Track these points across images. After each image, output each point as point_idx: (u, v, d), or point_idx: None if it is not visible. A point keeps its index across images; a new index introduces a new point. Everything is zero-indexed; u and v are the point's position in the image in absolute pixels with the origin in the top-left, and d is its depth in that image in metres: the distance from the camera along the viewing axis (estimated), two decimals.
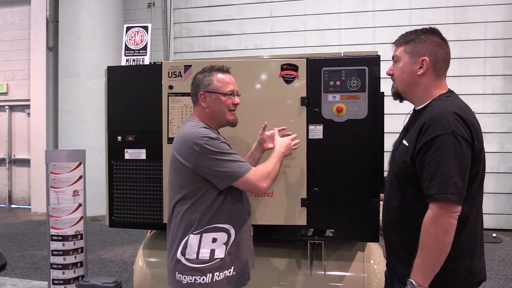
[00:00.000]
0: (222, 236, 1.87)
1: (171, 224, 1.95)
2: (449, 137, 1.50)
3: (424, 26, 1.76)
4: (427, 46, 1.68)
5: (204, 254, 1.84)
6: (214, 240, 1.86)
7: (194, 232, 1.85)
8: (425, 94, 1.70)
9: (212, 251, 1.85)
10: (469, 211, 1.59)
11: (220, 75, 1.97)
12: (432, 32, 1.71)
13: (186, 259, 1.85)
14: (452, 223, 1.50)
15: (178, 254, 1.87)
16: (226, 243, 1.88)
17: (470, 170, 1.55)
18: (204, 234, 1.85)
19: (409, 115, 1.85)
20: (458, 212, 1.51)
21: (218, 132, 2.03)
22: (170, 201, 1.95)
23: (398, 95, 1.80)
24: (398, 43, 1.77)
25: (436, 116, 1.55)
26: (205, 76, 1.97)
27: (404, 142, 1.71)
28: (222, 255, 1.86)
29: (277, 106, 2.36)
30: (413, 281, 1.55)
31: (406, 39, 1.73)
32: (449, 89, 1.73)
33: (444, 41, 1.71)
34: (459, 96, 1.72)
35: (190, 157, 1.82)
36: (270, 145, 2.16)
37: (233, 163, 1.83)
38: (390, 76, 1.82)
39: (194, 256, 1.84)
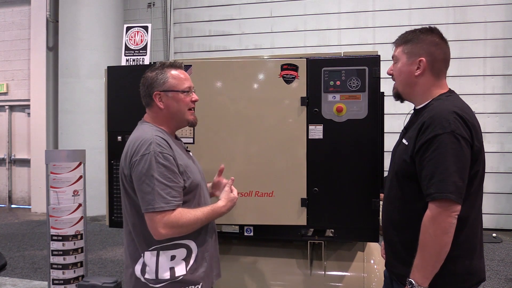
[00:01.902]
0: (181, 253, 1.72)
1: (127, 237, 1.80)
2: (449, 136, 1.50)
3: (424, 26, 1.75)
4: (424, 46, 1.68)
5: (164, 273, 1.69)
6: (173, 257, 1.71)
7: (150, 249, 1.70)
8: (424, 94, 1.70)
9: (172, 270, 1.70)
10: (468, 211, 1.59)
11: (174, 72, 1.80)
12: (431, 32, 1.71)
13: (146, 279, 1.71)
14: (451, 222, 1.50)
15: (138, 273, 1.73)
16: (185, 259, 1.73)
17: (470, 170, 1.55)
18: (161, 252, 1.70)
19: (409, 115, 1.85)
20: (458, 211, 1.51)
21: (176, 137, 1.90)
22: (123, 210, 1.80)
23: (399, 96, 1.80)
24: (398, 43, 1.77)
25: (436, 115, 1.55)
26: (157, 74, 1.79)
27: (404, 141, 1.71)
28: (184, 272, 1.72)
29: (277, 106, 2.35)
30: (412, 280, 1.55)
31: (404, 40, 1.73)
32: (449, 89, 1.73)
33: (443, 40, 1.71)
34: (459, 96, 1.72)
35: (131, 165, 1.68)
36: (218, 193, 2.00)
37: (154, 193, 1.61)
38: (390, 76, 1.82)
39: (154, 275, 1.69)
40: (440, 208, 1.50)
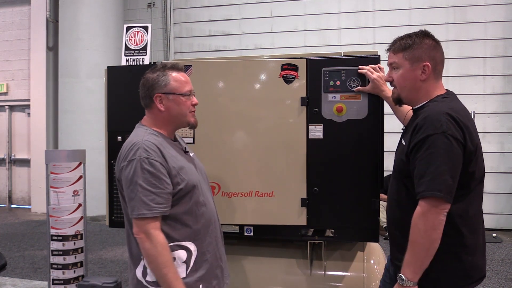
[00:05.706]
0: (180, 255, 1.70)
1: (128, 238, 1.79)
2: (440, 136, 1.55)
3: (424, 26, 1.80)
4: (425, 51, 1.71)
5: None
6: (173, 260, 1.68)
7: None
8: (424, 96, 1.75)
9: None
10: (467, 208, 1.63)
11: (175, 74, 1.78)
12: (426, 35, 1.75)
13: (147, 281, 1.69)
14: (440, 218, 1.55)
15: (139, 275, 1.71)
16: (186, 261, 1.70)
17: (465, 170, 1.58)
18: None
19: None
20: (447, 208, 1.56)
21: (175, 138, 1.87)
22: (123, 211, 1.79)
23: (400, 101, 1.83)
24: (395, 49, 1.78)
25: (428, 116, 1.61)
26: (159, 76, 1.76)
27: (402, 141, 1.78)
28: (184, 275, 1.69)
29: (277, 106, 2.35)
30: (403, 276, 1.61)
31: (403, 46, 1.74)
32: (447, 90, 1.77)
33: (438, 42, 1.75)
34: (459, 96, 1.76)
35: (120, 169, 1.68)
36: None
37: (137, 199, 1.60)
38: (389, 83, 1.86)
39: (154, 278, 1.66)
40: (429, 205, 1.55)
